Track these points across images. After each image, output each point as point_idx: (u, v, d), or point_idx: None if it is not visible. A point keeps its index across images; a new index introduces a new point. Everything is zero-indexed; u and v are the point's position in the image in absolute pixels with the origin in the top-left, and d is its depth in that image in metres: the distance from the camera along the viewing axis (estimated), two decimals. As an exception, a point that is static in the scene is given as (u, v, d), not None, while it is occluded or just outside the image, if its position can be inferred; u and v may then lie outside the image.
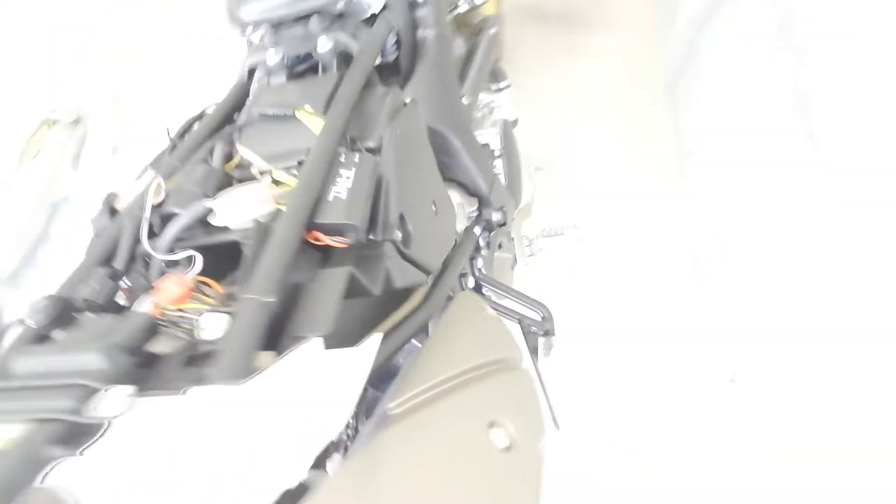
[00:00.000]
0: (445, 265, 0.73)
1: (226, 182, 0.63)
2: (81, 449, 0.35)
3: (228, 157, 0.68)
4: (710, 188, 1.55)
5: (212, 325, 0.43)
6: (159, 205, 0.60)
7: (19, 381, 0.40)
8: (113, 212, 0.63)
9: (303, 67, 0.79)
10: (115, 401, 0.36)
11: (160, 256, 0.53)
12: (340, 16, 0.79)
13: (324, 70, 0.75)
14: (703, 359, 1.39)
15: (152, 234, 0.57)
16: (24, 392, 0.39)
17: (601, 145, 1.81)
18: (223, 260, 0.55)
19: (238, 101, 0.78)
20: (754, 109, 1.40)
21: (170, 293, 0.46)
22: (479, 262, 0.88)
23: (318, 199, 0.54)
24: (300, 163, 0.61)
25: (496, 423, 0.47)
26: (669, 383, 1.38)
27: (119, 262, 0.55)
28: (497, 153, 1.04)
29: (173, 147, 0.71)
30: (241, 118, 0.71)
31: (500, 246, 0.97)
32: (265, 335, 0.43)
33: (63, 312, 0.48)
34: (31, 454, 0.34)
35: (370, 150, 0.63)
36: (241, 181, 0.63)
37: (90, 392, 0.37)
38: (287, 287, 0.47)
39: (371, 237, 0.58)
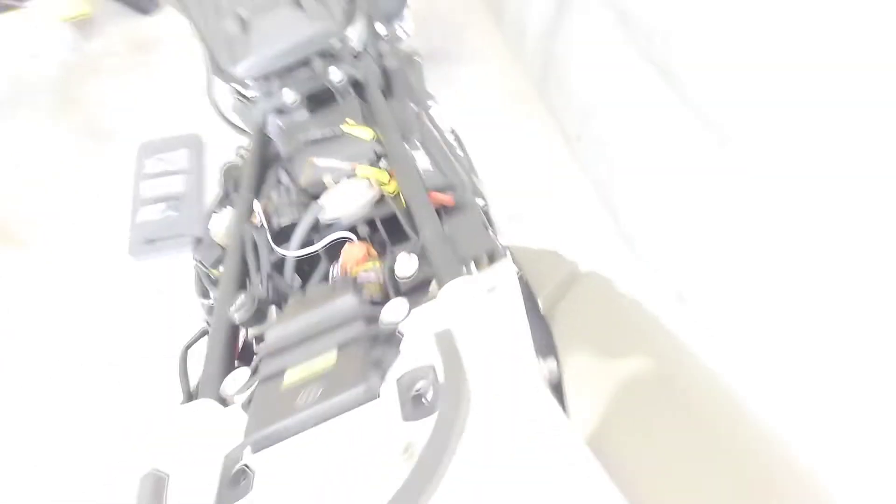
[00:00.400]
0: None
1: (307, 197, 0.72)
2: (397, 348, 0.43)
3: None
4: (603, 157, 1.85)
5: (408, 263, 0.53)
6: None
7: (298, 336, 0.47)
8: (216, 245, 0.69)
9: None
10: (397, 310, 0.45)
11: (310, 249, 0.61)
12: (332, 56, 0.91)
13: (342, 96, 0.86)
14: (649, 281, 1.64)
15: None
16: (312, 338, 0.46)
17: (500, 149, 2.06)
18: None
19: (264, 142, 0.86)
20: (620, 88, 1.71)
21: (354, 255, 0.55)
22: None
23: None
24: (374, 160, 0.73)
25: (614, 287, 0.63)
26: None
27: (264, 270, 0.62)
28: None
29: (235, 188, 0.78)
30: (288, 150, 0.80)
31: (492, 225, 1.12)
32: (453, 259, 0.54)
33: (258, 309, 0.55)
34: (365, 360, 0.42)
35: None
36: (316, 196, 0.73)
37: (369, 315, 0.46)
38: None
39: None
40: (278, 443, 0.39)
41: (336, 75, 0.85)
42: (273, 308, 0.56)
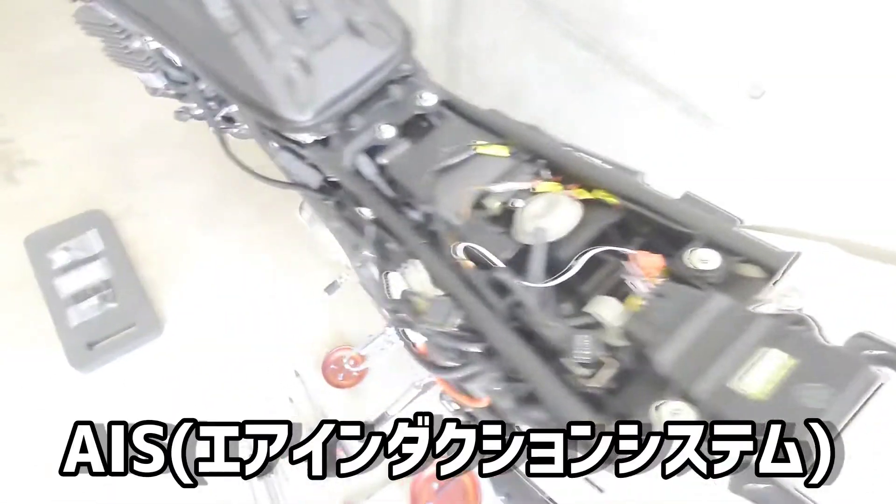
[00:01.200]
0: None
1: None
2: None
3: None
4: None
5: (711, 258, 0.55)
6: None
7: (702, 352, 0.46)
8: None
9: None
10: (791, 296, 0.47)
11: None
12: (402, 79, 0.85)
13: (438, 118, 0.82)
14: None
15: None
16: (722, 349, 0.46)
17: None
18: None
19: (368, 185, 0.79)
20: (545, 66, 1.81)
21: (654, 263, 0.56)
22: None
23: None
24: (537, 173, 0.71)
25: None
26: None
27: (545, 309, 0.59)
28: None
29: (390, 240, 0.73)
30: (420, 183, 0.74)
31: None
32: None
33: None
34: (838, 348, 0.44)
35: None
36: (491, 218, 0.70)
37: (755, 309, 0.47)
38: None
39: None
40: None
41: (430, 99, 0.81)
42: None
